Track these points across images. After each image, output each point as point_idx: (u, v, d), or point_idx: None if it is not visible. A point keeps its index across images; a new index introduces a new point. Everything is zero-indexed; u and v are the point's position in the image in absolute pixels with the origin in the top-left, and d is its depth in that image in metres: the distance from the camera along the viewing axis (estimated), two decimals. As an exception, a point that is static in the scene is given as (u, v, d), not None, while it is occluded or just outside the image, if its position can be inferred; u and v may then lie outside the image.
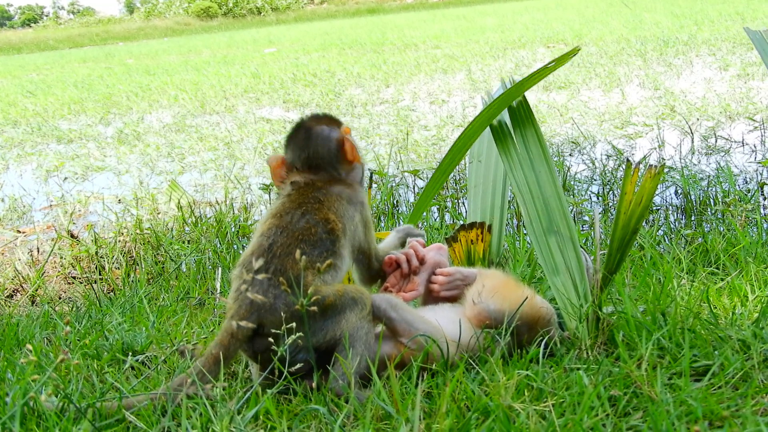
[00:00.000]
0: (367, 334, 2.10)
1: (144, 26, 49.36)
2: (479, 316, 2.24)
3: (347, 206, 2.21)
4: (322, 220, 2.13)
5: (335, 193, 2.21)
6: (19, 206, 6.24)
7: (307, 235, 2.11)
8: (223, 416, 1.88)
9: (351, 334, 2.07)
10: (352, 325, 2.08)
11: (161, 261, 4.39)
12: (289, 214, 2.15)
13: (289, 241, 2.09)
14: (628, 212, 2.29)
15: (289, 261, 2.06)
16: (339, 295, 2.08)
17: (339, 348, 2.08)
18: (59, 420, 1.96)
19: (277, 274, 2.05)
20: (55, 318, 3.32)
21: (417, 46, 18.38)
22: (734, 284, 2.71)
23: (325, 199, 2.18)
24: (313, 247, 2.10)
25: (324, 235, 2.12)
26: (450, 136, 7.50)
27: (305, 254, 2.06)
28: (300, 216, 2.14)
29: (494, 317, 2.23)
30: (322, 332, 2.08)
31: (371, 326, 2.13)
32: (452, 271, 2.40)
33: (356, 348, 2.07)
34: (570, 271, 2.37)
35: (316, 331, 2.07)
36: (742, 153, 5.83)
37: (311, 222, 2.13)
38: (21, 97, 14.69)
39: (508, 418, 1.80)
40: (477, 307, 2.26)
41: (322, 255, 2.10)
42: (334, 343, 2.09)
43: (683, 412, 1.80)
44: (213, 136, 8.64)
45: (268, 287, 2.04)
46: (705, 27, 15.67)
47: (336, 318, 2.08)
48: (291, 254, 2.06)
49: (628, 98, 8.58)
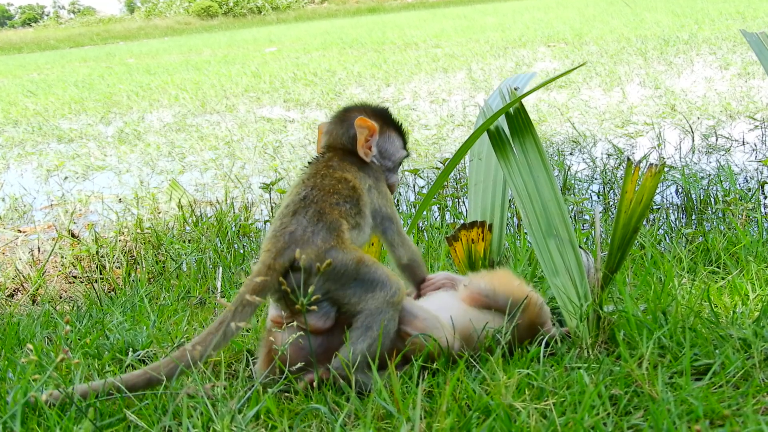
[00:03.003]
0: (388, 323, 2.12)
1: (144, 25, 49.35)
2: (472, 296, 2.32)
3: (358, 172, 2.31)
4: (342, 178, 2.25)
5: (348, 161, 2.33)
6: (19, 206, 6.24)
7: (336, 189, 2.22)
8: (224, 415, 1.89)
9: (372, 314, 2.10)
10: (376, 306, 2.11)
11: (162, 260, 4.39)
12: (314, 177, 2.26)
13: (323, 192, 2.20)
14: (628, 211, 2.29)
15: (326, 206, 2.17)
16: (372, 263, 2.16)
17: (356, 324, 2.11)
18: (60, 419, 1.96)
19: (315, 215, 2.15)
20: (55, 317, 3.32)
21: (417, 45, 18.38)
22: (735, 283, 2.71)
23: (339, 165, 2.30)
24: (344, 200, 2.21)
25: (348, 191, 2.23)
26: (450, 135, 7.50)
27: (338, 205, 2.18)
28: (322, 177, 2.25)
29: (486, 294, 2.31)
30: (349, 289, 2.12)
31: (395, 316, 2.15)
32: (440, 276, 2.49)
33: (372, 330, 2.09)
34: (570, 272, 2.37)
35: (344, 284, 2.12)
36: (742, 152, 5.83)
37: (334, 180, 2.24)
38: (21, 96, 14.68)
39: (509, 417, 1.80)
40: (468, 288, 2.34)
41: (352, 210, 2.22)
42: (355, 313, 2.12)
43: (684, 411, 1.80)
44: (213, 136, 8.64)
45: (307, 225, 2.14)
46: (705, 26, 15.66)
47: (364, 286, 2.12)
48: (326, 201, 2.18)
49: (629, 97, 8.58)
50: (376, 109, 2.43)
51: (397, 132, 2.46)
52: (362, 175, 2.31)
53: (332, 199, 2.19)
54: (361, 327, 2.09)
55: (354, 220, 2.21)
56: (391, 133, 2.44)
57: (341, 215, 2.18)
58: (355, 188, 2.24)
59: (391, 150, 2.43)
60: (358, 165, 2.33)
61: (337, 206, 2.18)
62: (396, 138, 2.45)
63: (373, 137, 2.35)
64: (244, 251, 4.34)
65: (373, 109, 2.43)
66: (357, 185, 2.25)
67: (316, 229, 2.13)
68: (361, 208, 2.24)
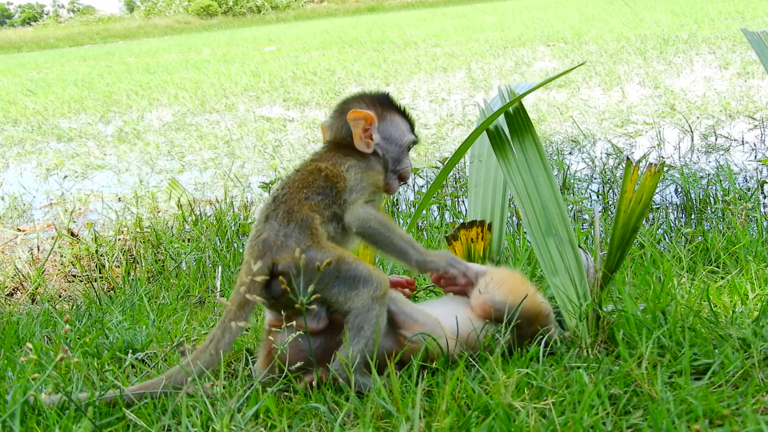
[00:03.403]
0: (378, 318, 2.09)
1: (144, 24, 49.33)
2: (484, 306, 2.26)
3: (342, 157, 2.26)
4: (315, 169, 2.21)
5: (334, 149, 2.30)
6: (19, 204, 6.24)
7: (306, 182, 2.19)
8: (224, 414, 1.88)
9: (360, 312, 2.08)
10: (362, 303, 2.09)
11: (161, 259, 4.39)
12: (289, 176, 2.25)
13: (291, 189, 2.18)
14: (628, 211, 2.29)
15: (294, 203, 2.14)
16: (352, 260, 2.13)
17: (348, 325, 2.09)
18: (59, 418, 1.96)
19: (285, 216, 2.12)
20: (55, 316, 3.32)
21: (417, 44, 18.37)
22: (734, 282, 2.71)
23: (322, 154, 2.29)
24: (315, 192, 2.17)
25: (320, 182, 2.18)
26: (450, 134, 7.50)
27: (308, 199, 2.15)
28: (294, 173, 2.24)
29: (498, 308, 2.25)
30: (333, 288, 2.10)
31: (383, 311, 2.12)
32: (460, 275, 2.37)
33: (364, 330, 2.07)
34: (569, 271, 2.37)
35: (328, 284, 2.10)
36: (742, 151, 5.83)
37: (305, 173, 2.21)
38: (21, 95, 14.68)
39: (508, 416, 1.80)
40: (483, 296, 2.28)
41: (326, 200, 2.17)
42: (345, 313, 2.11)
43: (683, 410, 1.80)
44: (213, 135, 8.64)
45: (279, 228, 2.12)
46: (705, 25, 15.66)
47: (347, 284, 2.10)
48: (295, 198, 2.15)
49: (628, 97, 8.58)
50: (375, 96, 2.37)
51: (401, 116, 2.38)
52: (344, 158, 2.25)
53: (301, 194, 2.15)
54: (353, 328, 2.08)
55: (329, 211, 2.16)
56: (394, 117, 2.36)
57: (312, 209, 2.13)
58: (329, 176, 2.19)
59: (396, 135, 2.34)
60: (345, 152, 2.27)
61: (306, 201, 2.14)
62: (401, 122, 2.37)
63: (373, 125, 2.28)
64: (243, 250, 4.34)
65: (372, 96, 2.37)
66: (332, 172, 2.20)
67: (288, 231, 2.10)
68: (339, 195, 2.18)
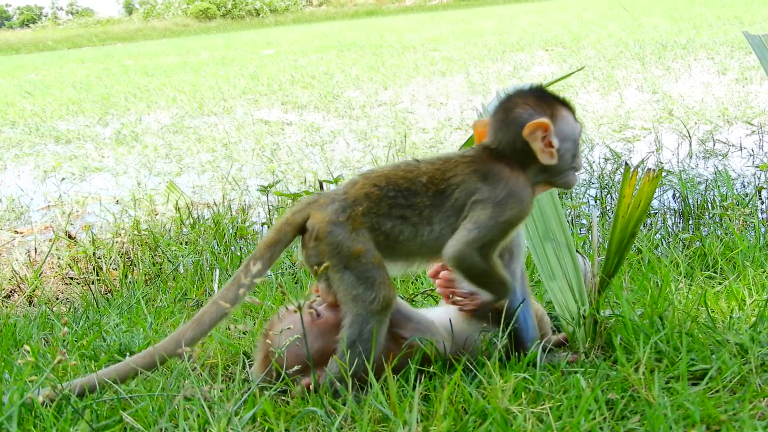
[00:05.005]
0: (369, 335, 2.04)
1: (142, 27, 49.32)
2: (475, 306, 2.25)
3: (478, 183, 2.06)
4: (424, 173, 2.07)
5: (478, 166, 2.08)
6: (16, 206, 6.24)
7: (396, 177, 2.07)
8: (221, 418, 1.88)
9: (354, 322, 2.04)
10: (359, 311, 2.04)
11: (159, 262, 4.39)
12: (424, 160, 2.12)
13: (386, 170, 2.09)
14: (626, 216, 2.29)
15: (373, 179, 2.07)
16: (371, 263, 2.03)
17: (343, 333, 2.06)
18: (56, 421, 1.96)
19: (351, 186, 2.07)
20: (52, 319, 3.32)
21: (415, 48, 18.39)
22: (732, 288, 2.72)
23: (458, 161, 2.09)
24: (395, 190, 2.05)
25: (419, 186, 2.05)
26: (448, 138, 7.51)
27: (378, 188, 2.04)
28: (416, 163, 2.10)
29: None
30: (338, 273, 2.05)
31: (381, 328, 2.06)
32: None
33: (356, 346, 2.04)
34: (567, 276, 2.38)
35: (335, 266, 2.04)
36: (740, 157, 5.84)
37: (414, 173, 2.07)
38: (19, 97, 14.67)
39: (505, 420, 1.80)
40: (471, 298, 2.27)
41: (398, 199, 2.04)
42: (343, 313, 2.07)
43: (680, 416, 1.80)
44: (211, 138, 8.64)
45: (336, 191, 2.08)
46: (703, 31, 15.69)
47: (351, 280, 2.03)
48: (364, 193, 2.05)
49: (626, 102, 8.59)
50: (533, 93, 2.14)
51: (563, 106, 2.15)
52: (479, 186, 2.04)
53: (380, 184, 2.05)
54: (346, 340, 2.05)
55: (396, 210, 2.04)
56: (561, 111, 2.13)
57: (375, 196, 2.04)
58: (428, 187, 2.04)
59: (569, 130, 2.13)
60: (494, 176, 2.06)
61: (375, 188, 2.04)
62: (567, 114, 2.15)
63: (549, 132, 2.06)
64: (241, 253, 4.34)
65: (531, 95, 2.13)
66: (433, 185, 2.04)
67: (336, 198, 2.06)
68: (417, 204, 2.04)
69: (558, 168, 2.11)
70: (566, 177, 2.15)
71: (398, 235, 2.06)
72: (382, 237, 2.06)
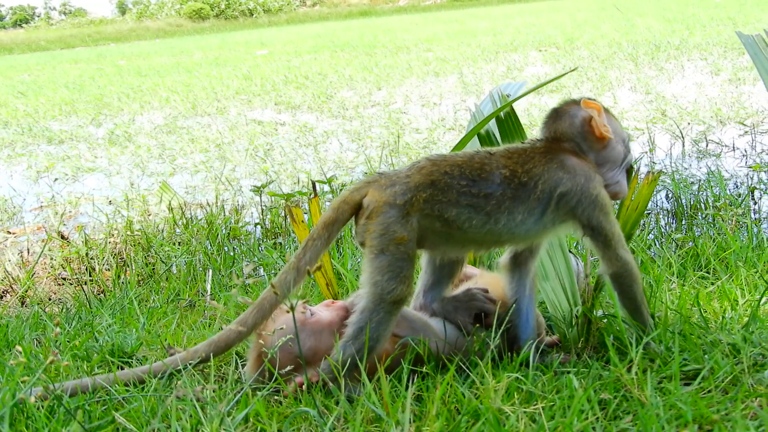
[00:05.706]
0: (379, 326, 2.06)
1: (136, 27, 49.27)
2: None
3: (558, 172, 2.12)
4: (504, 167, 2.10)
5: (551, 156, 2.15)
6: (9, 207, 6.22)
7: (471, 167, 2.10)
8: (213, 418, 1.88)
9: (365, 310, 2.07)
10: (371, 300, 2.07)
11: (152, 263, 4.38)
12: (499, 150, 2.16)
13: (450, 166, 2.10)
14: (624, 217, 2.31)
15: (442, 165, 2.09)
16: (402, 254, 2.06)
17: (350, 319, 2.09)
18: (48, 421, 1.95)
19: (419, 169, 2.09)
20: (44, 319, 3.31)
21: (409, 49, 18.39)
22: (724, 288, 2.72)
23: (532, 152, 2.15)
24: (468, 179, 2.08)
25: (497, 178, 2.09)
26: (441, 138, 7.50)
27: (446, 174, 2.07)
28: (489, 155, 2.14)
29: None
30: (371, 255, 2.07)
31: (389, 322, 2.08)
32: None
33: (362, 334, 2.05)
34: (560, 276, 2.39)
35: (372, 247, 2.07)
36: (732, 157, 5.85)
37: (490, 164, 2.11)
38: (12, 97, 14.64)
39: (498, 420, 1.80)
40: None
41: (471, 189, 2.07)
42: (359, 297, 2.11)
43: (673, 415, 1.80)
44: (204, 138, 8.63)
45: (400, 172, 2.11)
46: (697, 31, 15.72)
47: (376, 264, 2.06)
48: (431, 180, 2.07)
49: (620, 102, 8.60)
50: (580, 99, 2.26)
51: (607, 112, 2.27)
52: (558, 174, 2.11)
53: (451, 171, 2.08)
54: (353, 325, 2.08)
55: (465, 198, 2.06)
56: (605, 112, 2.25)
57: (438, 185, 2.06)
58: (507, 178, 2.08)
59: (617, 127, 2.26)
60: (565, 163, 2.14)
61: (446, 176, 2.07)
62: (612, 117, 2.28)
63: (601, 114, 2.19)
64: (234, 254, 4.34)
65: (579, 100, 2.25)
66: (513, 177, 2.09)
67: (397, 181, 2.07)
68: (492, 194, 2.07)
69: (612, 157, 2.22)
70: (618, 177, 2.24)
71: (464, 222, 2.08)
72: (440, 223, 2.09)
